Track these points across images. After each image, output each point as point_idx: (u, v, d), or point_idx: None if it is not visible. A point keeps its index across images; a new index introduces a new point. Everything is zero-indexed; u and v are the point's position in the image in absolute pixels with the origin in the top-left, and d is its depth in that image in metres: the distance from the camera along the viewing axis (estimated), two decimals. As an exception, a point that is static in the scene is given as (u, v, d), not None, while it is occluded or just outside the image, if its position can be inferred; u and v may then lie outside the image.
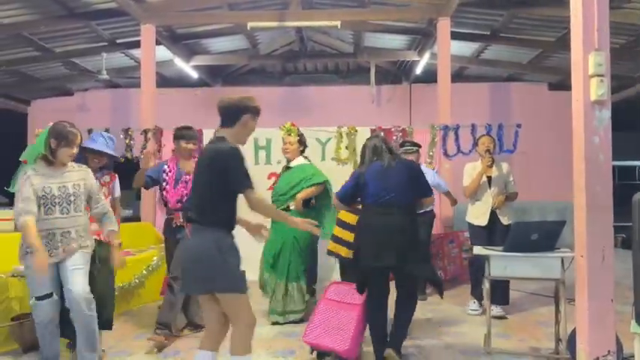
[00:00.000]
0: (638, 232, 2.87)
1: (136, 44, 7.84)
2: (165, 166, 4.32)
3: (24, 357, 3.79)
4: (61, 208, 3.25)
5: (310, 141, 6.75)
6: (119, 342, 4.17)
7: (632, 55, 8.10)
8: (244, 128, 2.84)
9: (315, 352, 3.67)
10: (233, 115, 2.81)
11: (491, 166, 5.04)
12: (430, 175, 5.47)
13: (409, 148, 5.59)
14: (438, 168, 6.79)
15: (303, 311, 4.66)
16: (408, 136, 6.86)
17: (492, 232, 4.95)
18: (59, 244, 3.26)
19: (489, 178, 5.04)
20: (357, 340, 3.55)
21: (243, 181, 2.71)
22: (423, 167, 5.77)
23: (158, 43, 7.75)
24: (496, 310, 4.84)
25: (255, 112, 2.88)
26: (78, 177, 3.37)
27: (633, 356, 2.86)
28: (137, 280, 5.24)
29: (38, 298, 3.28)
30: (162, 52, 8.44)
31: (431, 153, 6.83)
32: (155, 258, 5.50)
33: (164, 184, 4.27)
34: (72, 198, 3.30)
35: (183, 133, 4.32)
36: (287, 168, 4.87)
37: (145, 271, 5.35)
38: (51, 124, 3.37)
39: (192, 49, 9.29)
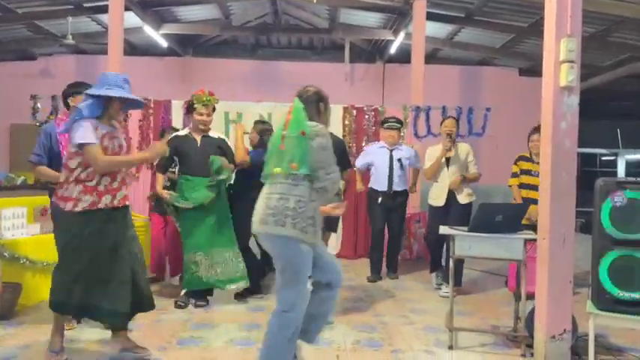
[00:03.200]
0: (597, 217, 2.96)
1: (104, 9, 7.56)
2: (56, 129, 3.54)
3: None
4: None
5: (281, 117, 6.71)
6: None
7: (601, 44, 8.26)
8: None
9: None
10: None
11: (450, 150, 5.09)
12: (408, 152, 5.73)
13: (392, 124, 5.68)
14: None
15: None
16: (379, 116, 6.87)
17: (449, 212, 5.04)
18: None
19: (447, 160, 5.14)
20: None
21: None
22: (405, 146, 5.83)
23: (127, 8, 7.49)
24: (445, 289, 4.99)
25: None
26: None
27: (587, 335, 2.97)
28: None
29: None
30: (132, 19, 8.16)
31: (402, 133, 6.86)
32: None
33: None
34: None
35: (82, 90, 3.50)
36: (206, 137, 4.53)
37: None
38: (296, 100, 2.95)
39: (162, 16, 9.01)
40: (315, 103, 2.98)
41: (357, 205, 6.72)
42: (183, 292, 4.51)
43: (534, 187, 4.91)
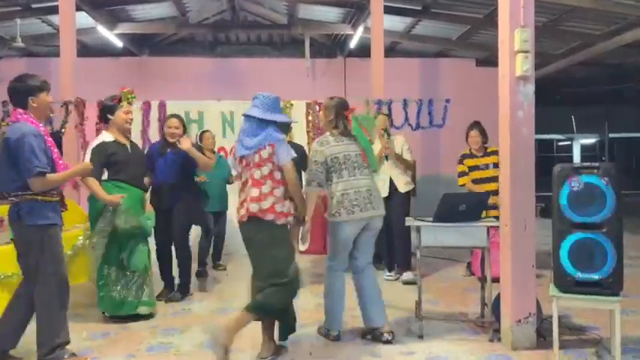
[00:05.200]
0: (556, 202, 3.05)
1: (54, 9, 7.30)
2: (41, 129, 3.19)
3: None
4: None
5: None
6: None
7: (553, 33, 8.49)
8: None
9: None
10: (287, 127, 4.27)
11: (387, 145, 5.37)
12: None
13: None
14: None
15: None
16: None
17: (392, 201, 5.33)
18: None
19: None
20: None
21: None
22: None
23: (78, 8, 7.25)
24: (406, 275, 5.32)
25: None
26: None
27: (551, 317, 3.06)
28: (62, 261, 4.97)
29: None
30: (84, 19, 7.92)
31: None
32: (80, 237, 5.23)
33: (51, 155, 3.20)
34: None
35: (44, 85, 3.25)
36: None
37: (69, 252, 5.07)
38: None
39: (116, 15, 8.77)
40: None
41: (324, 200, 6.74)
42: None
43: (486, 180, 5.14)
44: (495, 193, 4.84)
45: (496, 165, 5.10)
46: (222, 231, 6.07)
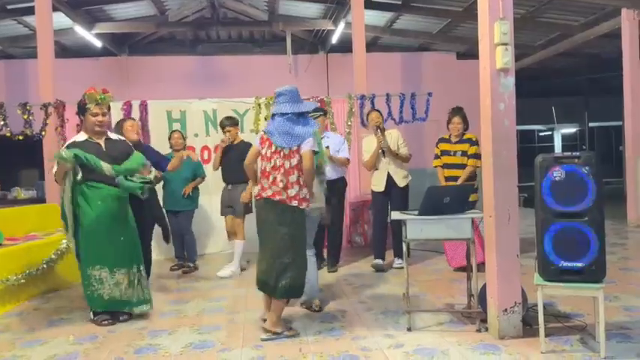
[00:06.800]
0: (539, 192, 3.08)
1: (30, 10, 7.18)
2: None
3: None
4: None
5: (228, 112, 6.61)
6: (31, 331, 3.92)
7: (532, 25, 8.58)
8: None
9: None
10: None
11: (382, 142, 5.38)
12: (338, 141, 5.51)
13: (312, 113, 5.64)
14: (355, 137, 6.90)
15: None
16: (326, 107, 6.87)
17: (390, 196, 5.44)
18: None
19: (382, 148, 5.42)
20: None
21: None
22: (330, 133, 5.74)
23: (55, 9, 7.14)
24: (397, 262, 5.53)
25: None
26: None
27: (537, 305, 3.10)
28: (45, 265, 4.92)
29: None
30: (61, 19, 7.81)
31: (349, 122, 6.90)
32: (64, 241, 5.18)
33: None
34: None
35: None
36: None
37: (53, 255, 5.03)
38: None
39: (94, 15, 8.67)
40: None
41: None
42: (92, 311, 4.06)
43: (454, 166, 5.32)
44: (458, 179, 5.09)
45: (465, 153, 5.20)
46: (184, 229, 5.83)
